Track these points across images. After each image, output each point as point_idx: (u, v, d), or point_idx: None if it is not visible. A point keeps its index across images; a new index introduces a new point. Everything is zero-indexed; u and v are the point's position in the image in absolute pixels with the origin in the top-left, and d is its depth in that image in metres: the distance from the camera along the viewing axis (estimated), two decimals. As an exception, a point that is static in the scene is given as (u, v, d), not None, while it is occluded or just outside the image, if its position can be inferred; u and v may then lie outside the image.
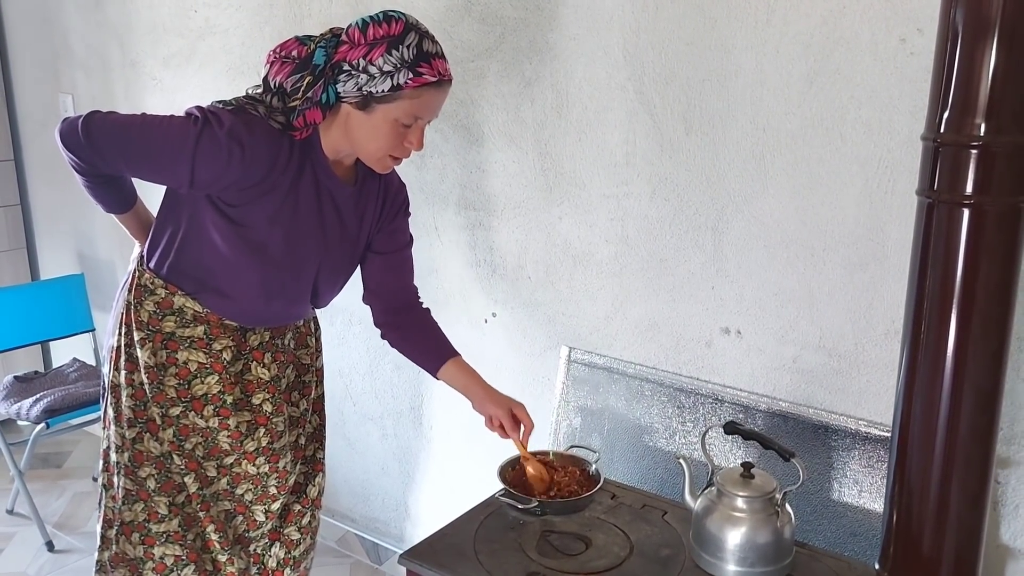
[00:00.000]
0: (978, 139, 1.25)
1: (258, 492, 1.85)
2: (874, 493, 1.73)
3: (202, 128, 1.55)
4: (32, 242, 3.72)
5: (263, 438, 1.81)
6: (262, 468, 1.82)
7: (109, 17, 3.04)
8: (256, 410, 1.80)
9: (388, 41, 1.53)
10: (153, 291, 1.73)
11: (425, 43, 1.56)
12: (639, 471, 2.03)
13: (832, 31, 1.64)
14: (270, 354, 1.82)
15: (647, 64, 1.88)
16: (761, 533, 1.54)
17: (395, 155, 1.65)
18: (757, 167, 1.78)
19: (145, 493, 1.80)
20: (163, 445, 1.77)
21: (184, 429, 1.77)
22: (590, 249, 2.07)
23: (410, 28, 1.55)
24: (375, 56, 1.53)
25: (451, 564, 1.61)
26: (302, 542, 1.97)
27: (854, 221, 1.69)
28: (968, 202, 1.28)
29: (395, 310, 1.89)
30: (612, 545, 1.67)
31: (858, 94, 1.64)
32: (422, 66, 1.54)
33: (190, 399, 1.75)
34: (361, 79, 1.54)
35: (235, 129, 1.55)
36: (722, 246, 1.87)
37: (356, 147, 1.65)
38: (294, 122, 1.59)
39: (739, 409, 1.88)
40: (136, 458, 1.78)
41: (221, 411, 1.76)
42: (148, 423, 1.77)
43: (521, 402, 1.84)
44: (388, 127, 1.58)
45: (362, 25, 1.55)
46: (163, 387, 1.75)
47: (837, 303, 1.75)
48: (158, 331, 1.74)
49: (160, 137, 1.57)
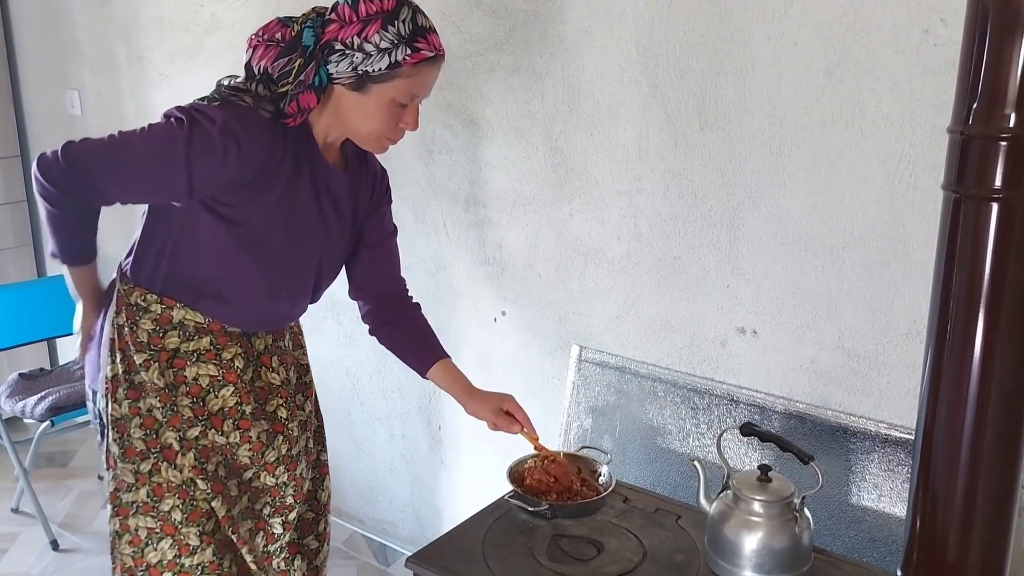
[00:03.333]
0: (1008, 131, 1.20)
1: (276, 504, 1.77)
2: (894, 497, 1.69)
3: (191, 130, 1.46)
4: (38, 239, 3.71)
5: (282, 446, 1.74)
6: (281, 478, 1.75)
7: (115, 13, 3.02)
8: (272, 417, 1.73)
9: (383, 17, 1.46)
10: (147, 308, 1.63)
11: (419, 17, 1.50)
12: (652, 474, 1.99)
13: (852, 22, 1.60)
14: (276, 357, 1.76)
15: (661, 57, 1.84)
16: (778, 539, 1.50)
17: (390, 136, 1.59)
18: (774, 162, 1.74)
19: (171, 527, 1.67)
20: (183, 472, 1.66)
21: (204, 451, 1.67)
22: (602, 246, 2.04)
23: (403, 2, 1.49)
24: (370, 33, 1.46)
25: (459, 568, 1.58)
26: (321, 550, 1.92)
27: (875, 218, 1.65)
28: (997, 196, 1.23)
29: (383, 304, 1.84)
30: (624, 550, 1.63)
31: (879, 87, 1.60)
32: (419, 41, 1.48)
33: (207, 416, 1.65)
34: (356, 58, 1.47)
35: (228, 124, 1.46)
36: (738, 243, 1.83)
37: (349, 129, 1.59)
38: (286, 109, 1.51)
39: (755, 410, 1.84)
40: (155, 492, 1.66)
41: (241, 423, 1.68)
42: (164, 451, 1.65)
43: (508, 394, 1.81)
44: (384, 107, 1.52)
45: (352, 1, 1.48)
46: (177, 408, 1.64)
47: (857, 302, 1.70)
48: (162, 349, 1.63)
49: (147, 148, 1.48)
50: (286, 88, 1.50)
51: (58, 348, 3.77)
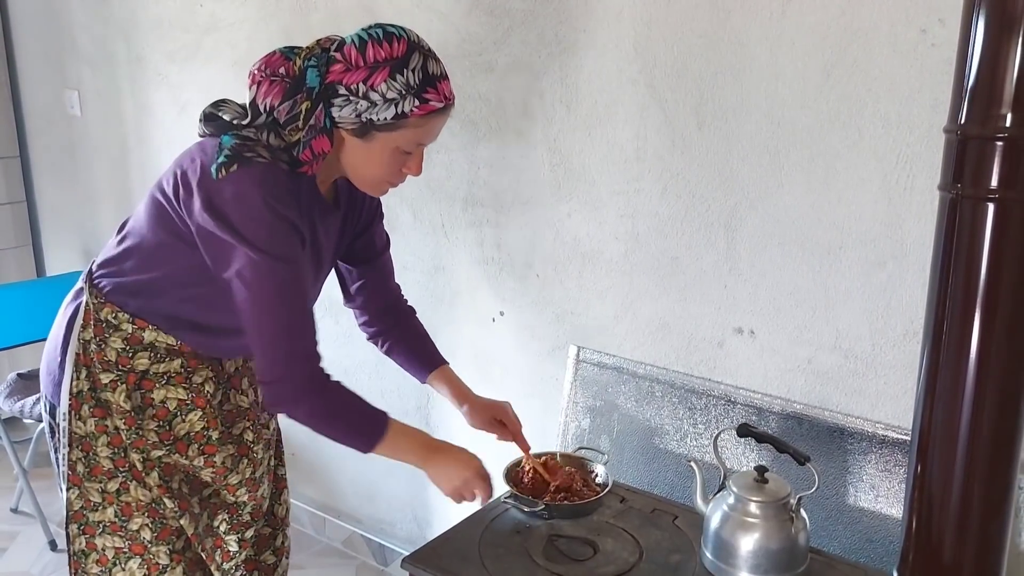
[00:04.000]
0: (1004, 131, 1.20)
1: (232, 521, 1.72)
2: (891, 498, 1.69)
3: (263, 247, 1.39)
4: (38, 239, 3.71)
5: (246, 469, 1.68)
6: (241, 498, 1.71)
7: (114, 12, 3.02)
8: (238, 440, 1.67)
9: (391, 65, 1.37)
10: (118, 327, 1.55)
11: (430, 64, 1.41)
12: (649, 474, 1.99)
13: (850, 22, 1.60)
14: (246, 379, 1.70)
15: (659, 57, 1.84)
16: (775, 539, 1.50)
17: (391, 181, 1.52)
18: (771, 162, 1.74)
19: (140, 547, 1.62)
20: (152, 491, 1.60)
21: (168, 468, 1.61)
22: (600, 247, 2.03)
23: (413, 48, 1.40)
24: (376, 81, 1.37)
25: (455, 569, 1.58)
26: (279, 565, 1.87)
27: (871, 218, 1.65)
28: (993, 197, 1.23)
29: (379, 314, 1.81)
30: (621, 550, 1.63)
31: (876, 87, 1.59)
32: (428, 92, 1.39)
33: (173, 441, 1.59)
34: (361, 105, 1.39)
35: (268, 202, 1.38)
36: (735, 244, 1.82)
37: (350, 172, 1.51)
38: (300, 156, 1.42)
39: (752, 411, 1.84)
40: (124, 511, 1.60)
41: (206, 448, 1.62)
42: (131, 470, 1.59)
43: (504, 402, 1.79)
44: (388, 155, 1.45)
45: (359, 43, 1.39)
46: (143, 432, 1.57)
47: (854, 302, 1.70)
48: (130, 370, 1.55)
49: (284, 301, 1.43)
50: (297, 136, 1.42)
51: (57, 348, 3.77)
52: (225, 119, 1.46)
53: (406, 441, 1.57)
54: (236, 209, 1.39)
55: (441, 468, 1.58)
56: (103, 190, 3.35)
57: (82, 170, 3.40)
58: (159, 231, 1.50)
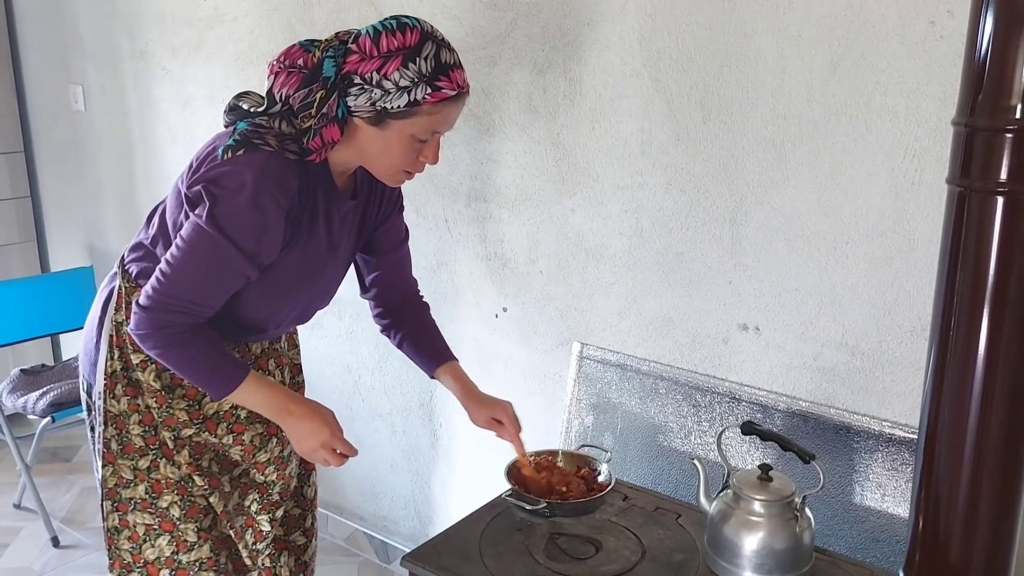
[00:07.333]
0: (1014, 123, 1.18)
1: (263, 501, 1.78)
2: (898, 497, 1.66)
3: (220, 230, 1.40)
4: (42, 234, 3.71)
5: (275, 448, 1.74)
6: (270, 476, 1.76)
7: (118, 7, 3.01)
8: (266, 420, 1.70)
9: (404, 53, 1.39)
10: None
11: (443, 53, 1.43)
12: (652, 472, 1.97)
13: (857, 14, 1.58)
14: (273, 360, 1.75)
15: (663, 50, 1.82)
16: (779, 538, 1.48)
17: (409, 170, 1.53)
18: (777, 157, 1.72)
19: (169, 523, 1.66)
20: (181, 468, 1.65)
21: (198, 447, 1.66)
22: (603, 242, 2.01)
23: (426, 38, 1.42)
24: (390, 70, 1.39)
25: (455, 567, 1.56)
26: (308, 546, 1.91)
27: (879, 213, 1.62)
28: (1003, 190, 1.21)
29: (395, 306, 1.82)
30: (623, 549, 1.61)
31: (884, 80, 1.57)
32: (441, 80, 1.41)
33: (202, 420, 1.64)
34: (375, 94, 1.40)
35: (259, 190, 1.41)
36: (740, 239, 1.80)
37: (367, 162, 1.53)
38: (309, 144, 1.44)
39: (757, 408, 1.82)
40: (154, 488, 1.65)
41: (235, 427, 1.67)
42: (161, 447, 1.65)
43: (505, 402, 1.78)
44: (403, 143, 1.46)
45: (373, 34, 1.41)
46: (172, 410, 1.62)
47: (860, 299, 1.68)
48: None
49: (202, 267, 1.44)
50: (308, 123, 1.44)
51: (61, 344, 3.77)
52: (244, 108, 1.51)
53: (260, 398, 1.57)
54: (224, 187, 1.42)
55: (294, 429, 1.58)
56: (107, 185, 3.35)
57: (86, 165, 3.40)
58: (179, 218, 1.54)
